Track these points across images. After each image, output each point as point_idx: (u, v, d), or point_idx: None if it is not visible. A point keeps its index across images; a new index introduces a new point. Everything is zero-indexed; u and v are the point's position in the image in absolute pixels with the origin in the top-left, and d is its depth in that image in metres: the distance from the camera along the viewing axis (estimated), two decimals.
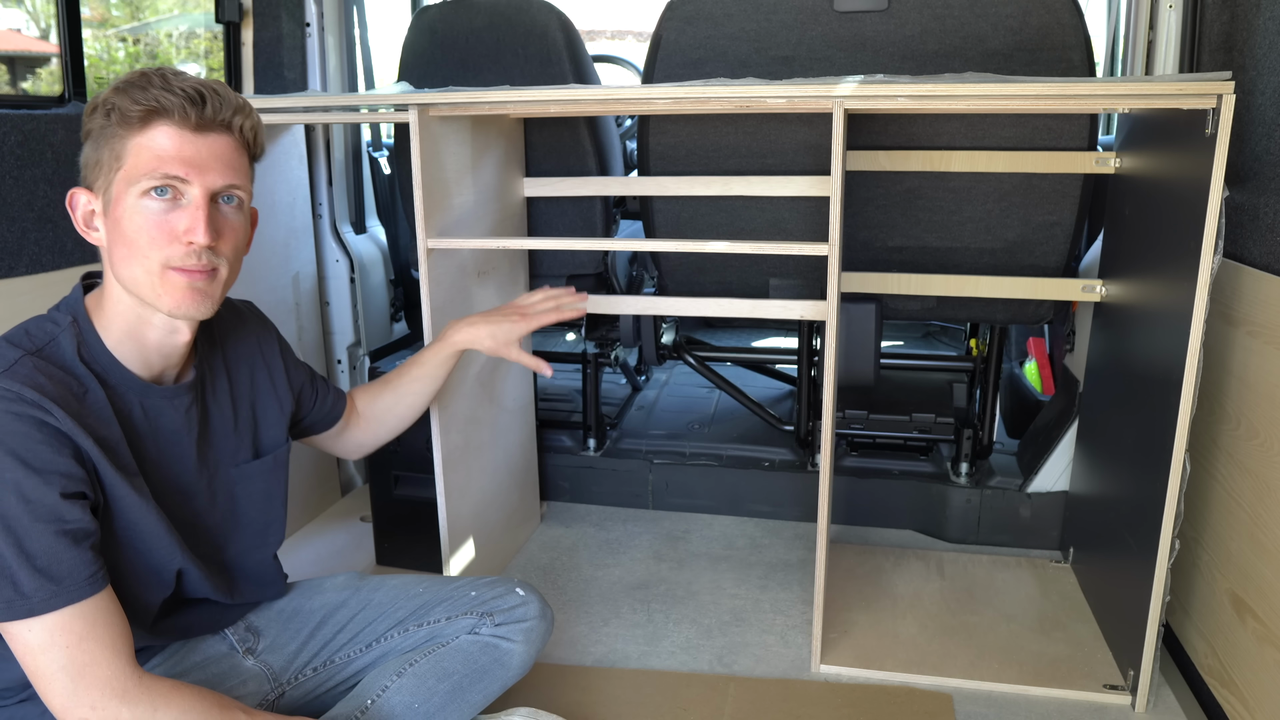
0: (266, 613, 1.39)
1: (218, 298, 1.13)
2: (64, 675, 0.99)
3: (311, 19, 2.33)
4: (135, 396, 1.12)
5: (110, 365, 1.10)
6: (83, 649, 0.99)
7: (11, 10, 3.86)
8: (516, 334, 1.56)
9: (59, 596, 0.98)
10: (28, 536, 0.97)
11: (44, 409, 0.99)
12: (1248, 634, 1.44)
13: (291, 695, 1.35)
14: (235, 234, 1.13)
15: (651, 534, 2.28)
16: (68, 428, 1.01)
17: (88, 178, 1.10)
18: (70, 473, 1.01)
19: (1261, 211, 1.48)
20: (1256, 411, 1.44)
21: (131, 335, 1.12)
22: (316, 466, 2.39)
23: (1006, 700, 1.62)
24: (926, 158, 1.89)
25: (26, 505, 0.97)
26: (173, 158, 1.06)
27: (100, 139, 1.07)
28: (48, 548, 0.98)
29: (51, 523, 0.98)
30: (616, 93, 1.70)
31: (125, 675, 1.02)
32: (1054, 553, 2.14)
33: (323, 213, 2.39)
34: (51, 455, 0.99)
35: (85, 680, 0.99)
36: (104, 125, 1.06)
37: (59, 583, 0.98)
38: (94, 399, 1.07)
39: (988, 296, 1.94)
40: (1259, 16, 1.57)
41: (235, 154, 1.12)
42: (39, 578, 0.97)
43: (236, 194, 1.12)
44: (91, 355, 1.09)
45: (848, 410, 2.22)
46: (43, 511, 0.98)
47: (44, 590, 0.97)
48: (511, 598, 1.41)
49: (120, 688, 1.01)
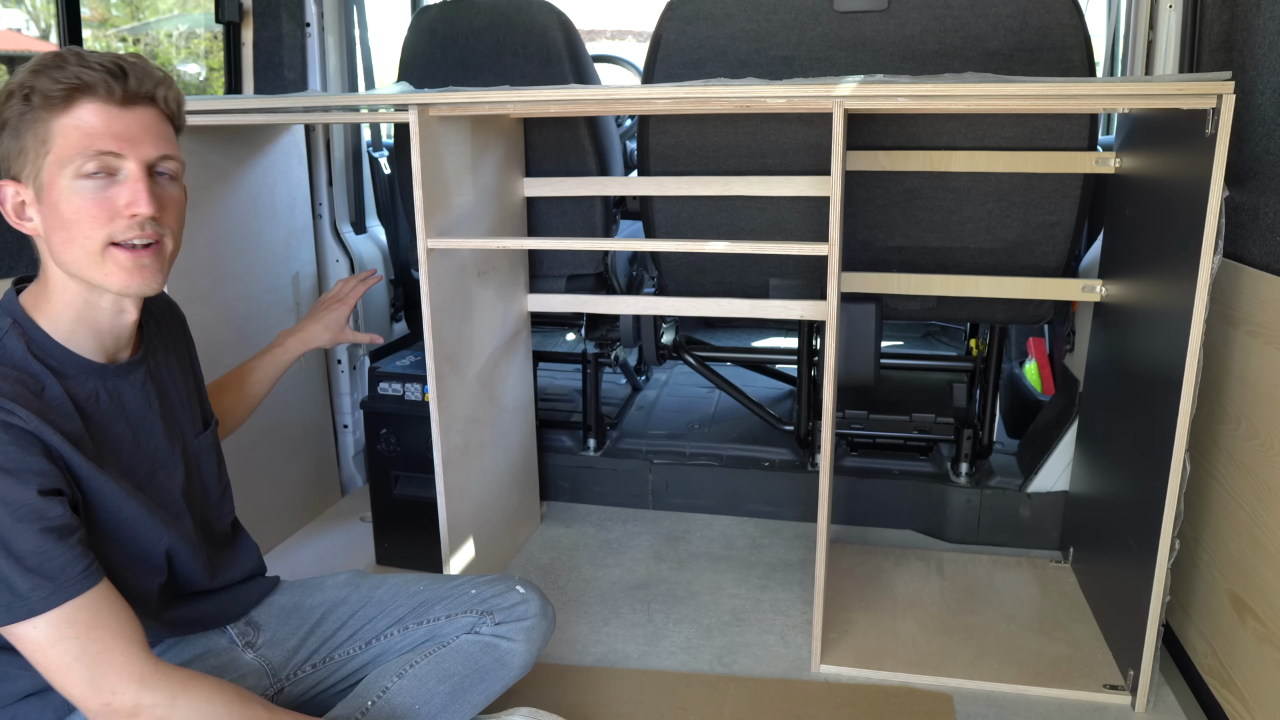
0: (267, 608, 1.39)
1: (166, 272, 1.12)
2: (80, 665, 0.99)
3: (311, 19, 2.33)
4: (95, 381, 1.11)
5: (64, 356, 1.08)
6: (93, 638, 0.99)
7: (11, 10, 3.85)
8: (342, 318, 1.70)
9: (57, 593, 0.98)
10: (13, 538, 0.96)
11: (7, 410, 0.98)
12: (1248, 634, 1.44)
13: (290, 691, 1.35)
14: (176, 205, 1.12)
15: (651, 534, 2.28)
16: (33, 426, 1.00)
17: (12, 168, 1.06)
18: (44, 470, 1.00)
19: (1261, 211, 1.48)
20: (1256, 411, 1.44)
21: (82, 321, 1.10)
22: (316, 466, 2.39)
23: (1006, 700, 1.62)
24: (926, 158, 1.89)
25: (6, 507, 0.96)
26: (103, 134, 1.03)
27: (21, 125, 1.03)
28: (35, 547, 0.97)
29: (35, 521, 0.97)
30: (616, 93, 1.70)
31: (141, 661, 1.02)
32: (1054, 553, 2.14)
33: (323, 213, 2.39)
34: (22, 455, 0.98)
35: (102, 667, 0.99)
36: (23, 111, 1.03)
37: (54, 579, 0.98)
38: (52, 394, 1.05)
39: (988, 296, 1.94)
40: (1259, 16, 1.57)
41: (162, 125, 1.10)
42: (33, 577, 0.97)
43: (169, 165, 1.11)
44: (43, 351, 1.07)
45: (848, 410, 2.22)
46: (24, 511, 0.97)
47: (41, 589, 0.97)
48: (511, 595, 1.41)
49: (138, 673, 1.01)
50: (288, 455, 2.26)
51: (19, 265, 1.65)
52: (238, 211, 2.02)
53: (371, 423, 2.10)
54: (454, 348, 1.79)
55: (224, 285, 1.98)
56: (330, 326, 1.69)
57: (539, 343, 2.69)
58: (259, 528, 2.10)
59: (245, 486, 2.09)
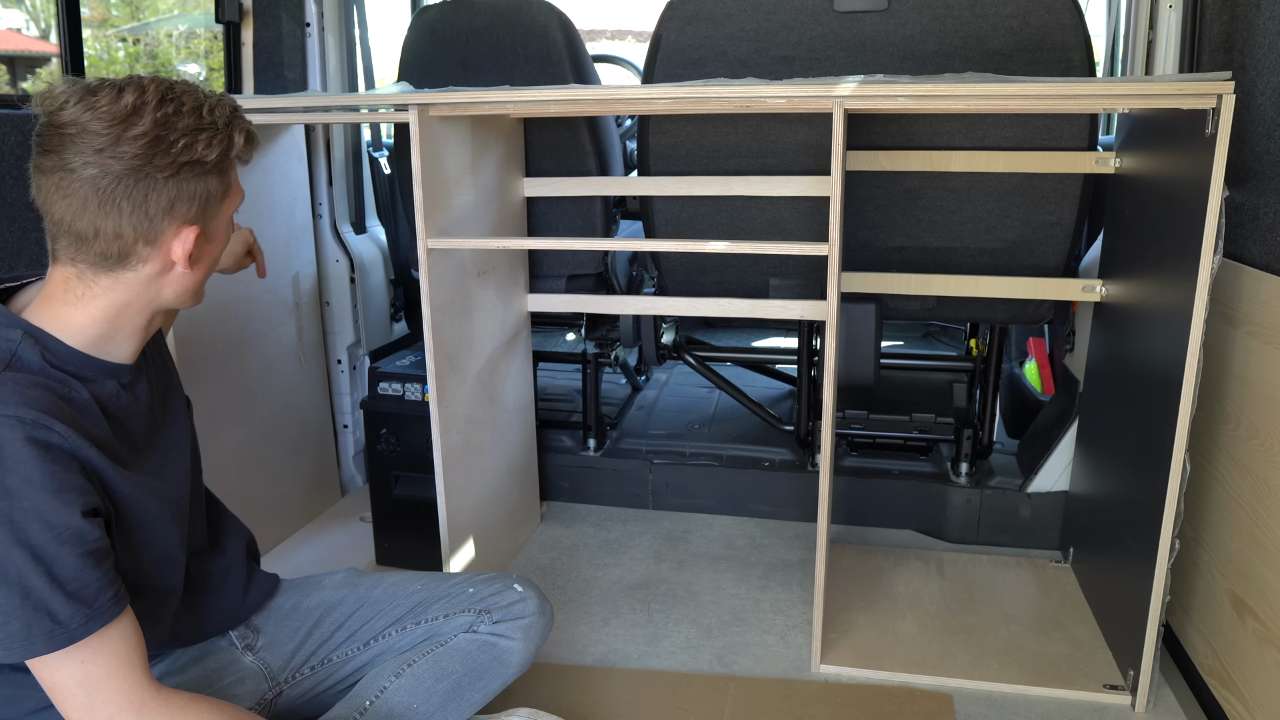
0: (265, 610, 1.40)
1: None
2: (80, 690, 0.98)
3: (311, 19, 2.33)
4: (113, 380, 1.10)
5: (82, 361, 1.06)
6: (98, 664, 0.99)
7: (11, 10, 3.86)
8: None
9: (93, 620, 0.97)
10: (55, 563, 0.95)
11: (45, 427, 0.97)
12: (1248, 634, 1.44)
13: (289, 694, 1.35)
14: None
15: (651, 534, 2.28)
16: (71, 442, 0.99)
17: (191, 213, 1.04)
18: (84, 488, 0.99)
19: (1261, 211, 1.48)
20: (1256, 411, 1.44)
21: (121, 329, 1.08)
22: (316, 466, 2.39)
23: (1006, 700, 1.62)
24: (926, 158, 1.89)
25: (50, 530, 0.95)
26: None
27: (218, 172, 1.06)
28: (75, 572, 0.96)
29: (76, 545, 0.97)
30: (616, 93, 1.70)
31: (141, 689, 1.01)
32: (1054, 553, 2.14)
33: (323, 213, 2.39)
34: (64, 474, 0.97)
35: (101, 695, 0.99)
36: (232, 159, 1.07)
37: (90, 605, 0.97)
38: (79, 398, 1.04)
39: (988, 296, 1.94)
40: (1259, 16, 1.57)
41: None
42: (72, 603, 0.96)
43: None
44: (59, 359, 1.04)
45: (848, 410, 2.22)
46: (66, 534, 0.96)
47: (79, 616, 0.96)
48: (509, 594, 1.41)
49: (137, 701, 1.01)
50: (288, 455, 2.26)
51: (19, 265, 1.65)
52: (238, 212, 2.02)
53: (371, 423, 2.10)
54: (454, 348, 1.79)
55: (224, 285, 1.98)
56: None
57: (539, 343, 2.69)
58: (259, 528, 2.10)
59: (245, 486, 2.09)
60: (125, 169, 0.97)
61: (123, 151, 0.97)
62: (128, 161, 0.97)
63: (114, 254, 1.01)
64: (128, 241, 1.01)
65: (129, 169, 0.97)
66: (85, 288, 1.04)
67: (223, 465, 1.98)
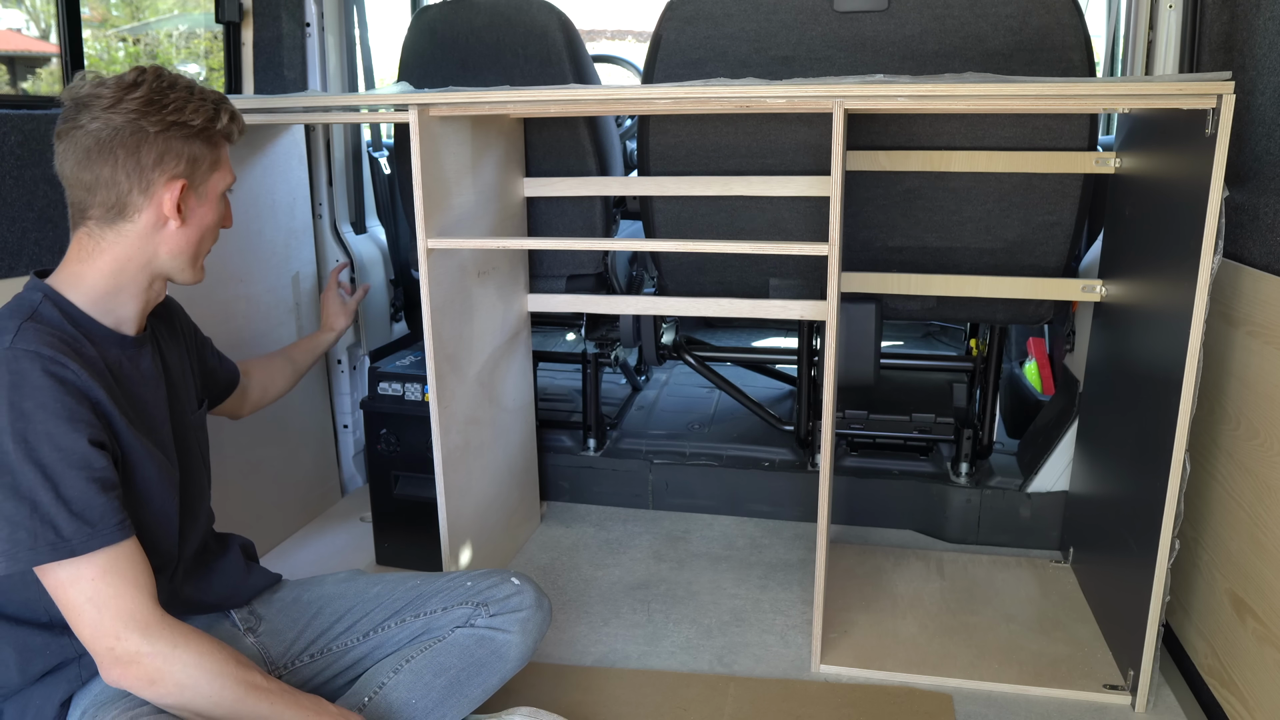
0: (268, 601, 1.42)
1: None
2: (91, 607, 1.05)
3: (311, 19, 2.33)
4: (118, 350, 1.19)
5: (92, 325, 1.17)
6: (108, 583, 1.06)
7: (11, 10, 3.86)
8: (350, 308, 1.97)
9: (95, 539, 1.05)
10: (63, 482, 1.04)
11: (61, 364, 1.07)
12: (1248, 634, 1.44)
13: (288, 681, 1.36)
14: None
15: (651, 534, 2.28)
16: (83, 381, 1.09)
17: (179, 169, 1.18)
18: (93, 422, 1.08)
19: (1261, 211, 1.48)
20: (1256, 411, 1.44)
21: (122, 296, 1.20)
22: (316, 466, 2.39)
23: (1006, 700, 1.62)
24: (926, 158, 1.89)
25: (60, 452, 1.04)
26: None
27: (204, 139, 1.20)
28: (81, 493, 1.05)
29: (83, 469, 1.05)
30: (616, 93, 1.70)
31: (148, 611, 1.08)
32: (1054, 553, 2.14)
33: (323, 213, 2.39)
34: (76, 405, 1.07)
35: (109, 612, 1.06)
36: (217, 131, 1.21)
37: (94, 526, 1.05)
38: (88, 354, 1.13)
39: (988, 296, 1.94)
40: (1259, 16, 1.57)
41: None
42: (76, 521, 1.04)
43: None
44: (74, 319, 1.15)
45: (848, 410, 2.22)
46: (75, 459, 1.05)
47: (82, 533, 1.04)
48: (506, 587, 1.42)
49: (143, 621, 1.07)
50: (288, 455, 2.26)
51: (19, 265, 1.65)
52: (238, 211, 2.01)
53: (371, 423, 2.10)
54: (454, 348, 1.80)
55: (224, 285, 1.98)
56: (337, 314, 1.94)
57: (539, 343, 2.69)
58: (259, 528, 2.11)
59: (245, 486, 2.09)
60: (123, 122, 1.13)
61: (123, 108, 1.13)
62: (125, 116, 1.13)
63: (113, 203, 1.15)
64: (124, 190, 1.15)
65: (126, 122, 1.13)
66: (94, 244, 1.17)
67: (223, 465, 1.98)
